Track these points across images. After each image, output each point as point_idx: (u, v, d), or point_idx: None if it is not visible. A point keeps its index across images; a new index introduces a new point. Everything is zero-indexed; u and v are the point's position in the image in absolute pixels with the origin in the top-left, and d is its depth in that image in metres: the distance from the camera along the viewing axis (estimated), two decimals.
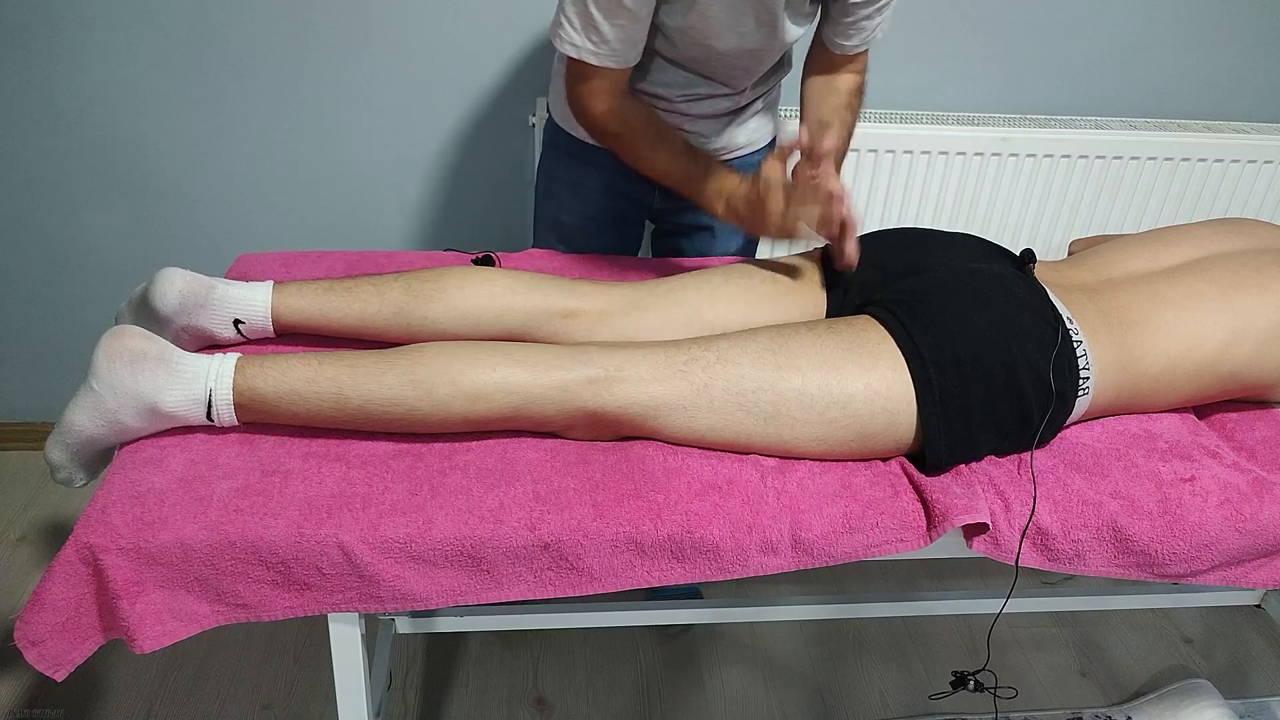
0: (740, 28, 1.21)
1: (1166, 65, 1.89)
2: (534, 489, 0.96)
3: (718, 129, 1.39)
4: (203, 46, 1.69)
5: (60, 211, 1.84)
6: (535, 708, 1.57)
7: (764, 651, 1.69)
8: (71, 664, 0.92)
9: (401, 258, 1.35)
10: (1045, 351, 1.03)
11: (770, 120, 1.48)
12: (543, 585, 0.95)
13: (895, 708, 1.61)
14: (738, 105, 1.38)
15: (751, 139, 1.44)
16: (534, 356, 1.01)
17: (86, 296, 1.93)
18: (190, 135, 1.78)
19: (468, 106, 1.80)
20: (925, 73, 1.84)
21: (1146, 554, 1.00)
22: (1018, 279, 1.11)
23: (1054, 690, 1.66)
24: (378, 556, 0.91)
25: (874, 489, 1.00)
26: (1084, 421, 1.12)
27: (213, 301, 1.10)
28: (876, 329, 1.05)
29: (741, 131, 1.42)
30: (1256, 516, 1.00)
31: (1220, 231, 1.23)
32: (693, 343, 1.04)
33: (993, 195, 1.83)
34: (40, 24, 1.65)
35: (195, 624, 0.93)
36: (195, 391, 0.98)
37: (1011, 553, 0.98)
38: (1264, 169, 1.86)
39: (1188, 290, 1.11)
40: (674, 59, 1.29)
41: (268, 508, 0.92)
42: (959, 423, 1.01)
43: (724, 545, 0.95)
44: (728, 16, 1.19)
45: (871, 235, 1.24)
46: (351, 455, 1.00)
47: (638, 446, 1.03)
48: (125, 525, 0.90)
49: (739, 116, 1.41)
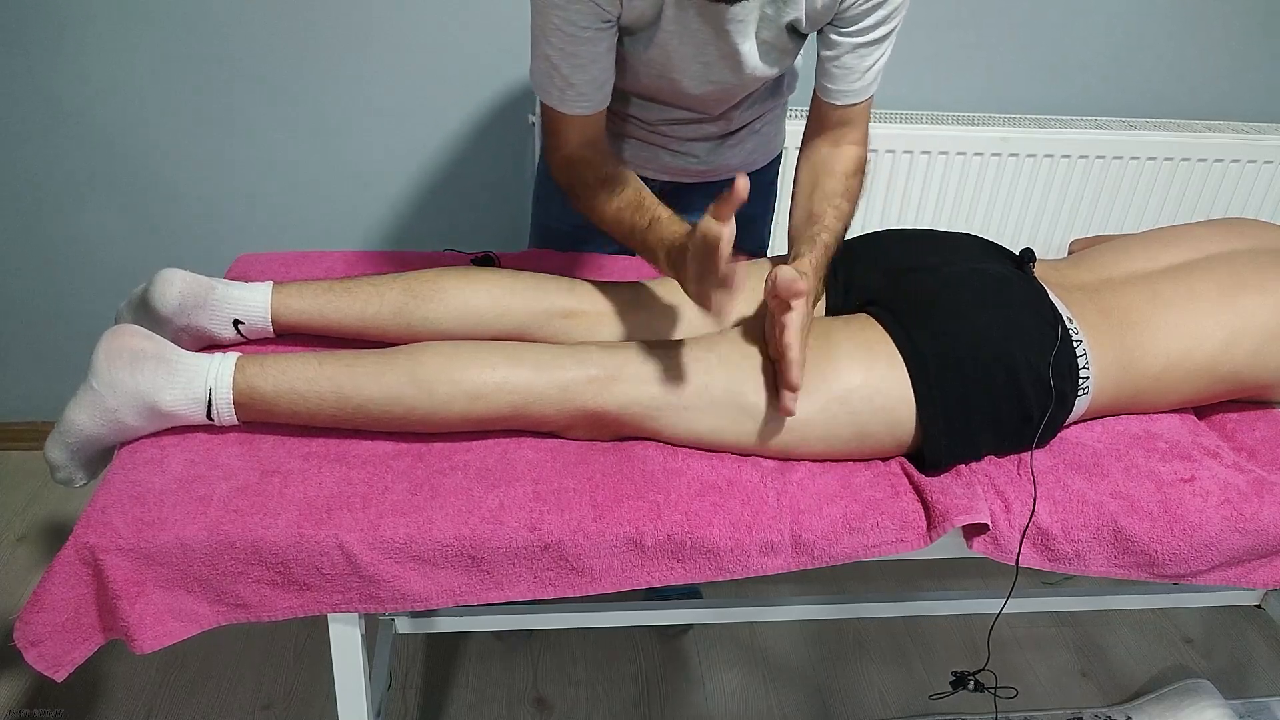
0: (703, 59, 1.14)
1: (1166, 65, 1.89)
2: (534, 489, 0.96)
3: (707, 150, 1.34)
4: (203, 46, 1.69)
5: (60, 211, 1.84)
6: (535, 708, 1.57)
7: (764, 651, 1.69)
8: (71, 664, 0.92)
9: (401, 258, 1.35)
10: (1045, 351, 1.03)
11: (773, 137, 1.42)
12: (543, 585, 0.95)
13: (895, 708, 1.61)
14: (726, 130, 1.32)
15: (748, 160, 1.38)
16: (534, 356, 1.01)
17: (86, 296, 1.93)
18: (190, 135, 1.78)
19: (468, 106, 1.80)
20: (925, 73, 1.84)
21: (1146, 554, 1.00)
22: (1018, 279, 1.10)
23: (1054, 690, 1.66)
24: (378, 556, 0.91)
25: (874, 489, 1.00)
26: (1084, 421, 1.12)
27: (212, 302, 1.10)
28: (876, 329, 1.05)
29: (736, 153, 1.37)
30: (1256, 516, 1.00)
31: (1220, 231, 1.23)
32: (693, 343, 1.04)
33: (993, 195, 1.84)
34: (40, 23, 1.65)
35: (195, 624, 0.93)
36: (195, 391, 0.98)
37: (1011, 553, 0.98)
38: (1264, 169, 1.86)
39: (1188, 290, 1.11)
40: (643, 91, 1.24)
41: (268, 508, 0.92)
42: (959, 423, 1.01)
43: (724, 545, 0.95)
44: (690, 49, 1.13)
45: (871, 235, 1.24)
46: (351, 455, 1.00)
47: (638, 446, 1.03)
48: (125, 525, 0.90)
49: (730, 139, 1.35)
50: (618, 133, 1.34)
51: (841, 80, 1.13)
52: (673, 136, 1.32)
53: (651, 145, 1.35)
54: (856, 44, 1.11)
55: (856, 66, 1.13)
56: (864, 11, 1.08)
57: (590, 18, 1.05)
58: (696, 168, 1.36)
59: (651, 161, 1.36)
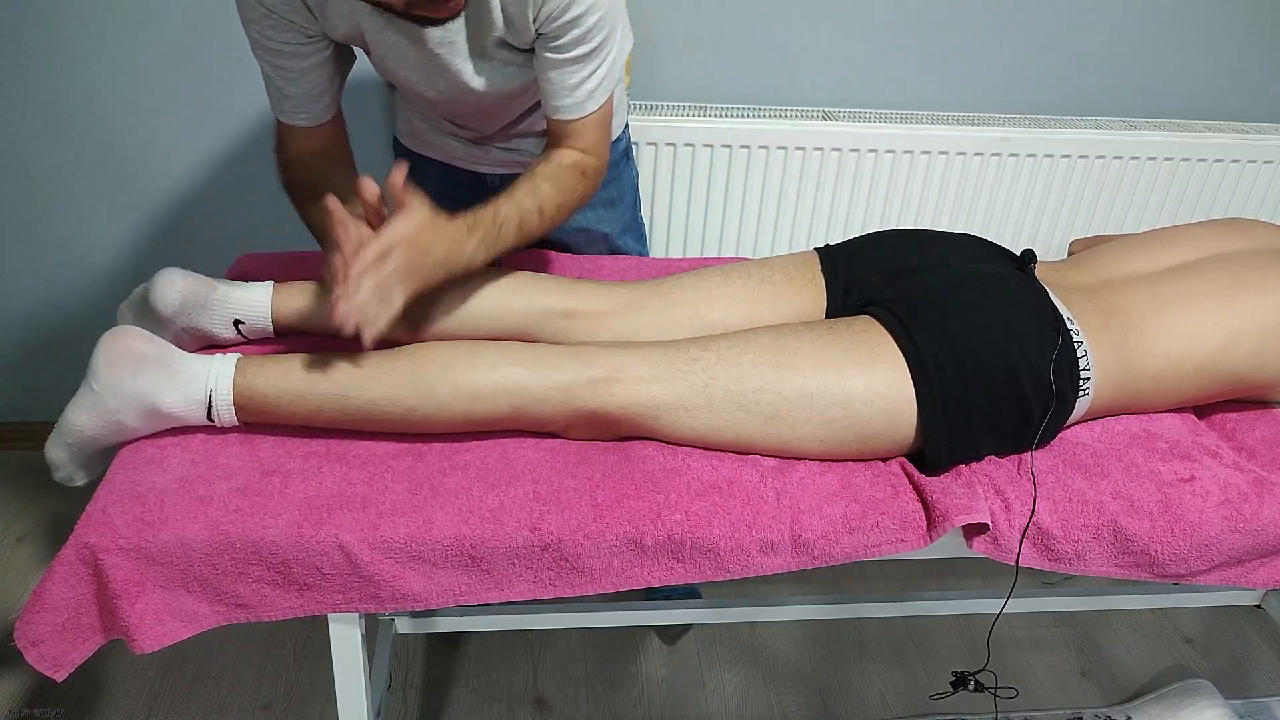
0: (427, 78, 1.16)
1: (1166, 65, 1.89)
2: (534, 489, 0.96)
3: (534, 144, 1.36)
4: (203, 46, 1.69)
5: (60, 211, 1.83)
6: (535, 708, 1.57)
7: (764, 651, 1.69)
8: (71, 664, 0.92)
9: None
10: (1045, 352, 1.03)
11: None
12: (543, 585, 0.95)
13: (895, 708, 1.61)
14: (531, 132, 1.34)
15: None
16: (534, 356, 1.01)
17: (86, 297, 1.93)
18: (190, 135, 1.78)
19: None
20: (925, 72, 1.84)
21: (1146, 554, 1.00)
22: (1018, 279, 1.11)
23: (1054, 690, 1.66)
24: (378, 556, 0.91)
25: (874, 489, 1.00)
26: (1084, 422, 1.12)
27: (213, 302, 1.10)
28: (877, 329, 1.05)
29: None
30: (1256, 516, 1.01)
31: (1220, 231, 1.23)
32: (692, 343, 1.04)
33: (993, 195, 1.84)
34: (40, 23, 1.65)
35: (195, 624, 0.93)
36: (195, 393, 0.98)
37: (1011, 553, 0.98)
38: (1264, 169, 1.86)
39: (1188, 290, 1.11)
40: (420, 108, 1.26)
41: (268, 508, 0.92)
42: (959, 423, 1.01)
43: (724, 545, 0.95)
44: (409, 70, 1.15)
45: (871, 236, 1.24)
46: (351, 455, 1.00)
47: (638, 446, 1.03)
48: (125, 525, 0.90)
49: None
50: (449, 133, 1.36)
51: (554, 96, 1.13)
52: (497, 134, 1.34)
53: (481, 144, 1.37)
54: (561, 60, 1.10)
55: (564, 84, 1.12)
56: (560, 29, 1.07)
57: (289, 34, 1.09)
58: (528, 159, 1.35)
59: (484, 158, 1.38)
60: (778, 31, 1.76)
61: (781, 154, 1.73)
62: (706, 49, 1.76)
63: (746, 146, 1.72)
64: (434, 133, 1.39)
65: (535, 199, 1.11)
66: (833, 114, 1.78)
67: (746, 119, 1.73)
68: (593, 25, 1.08)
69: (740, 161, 1.74)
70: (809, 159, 1.74)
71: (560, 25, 1.07)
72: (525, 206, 1.10)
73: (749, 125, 1.71)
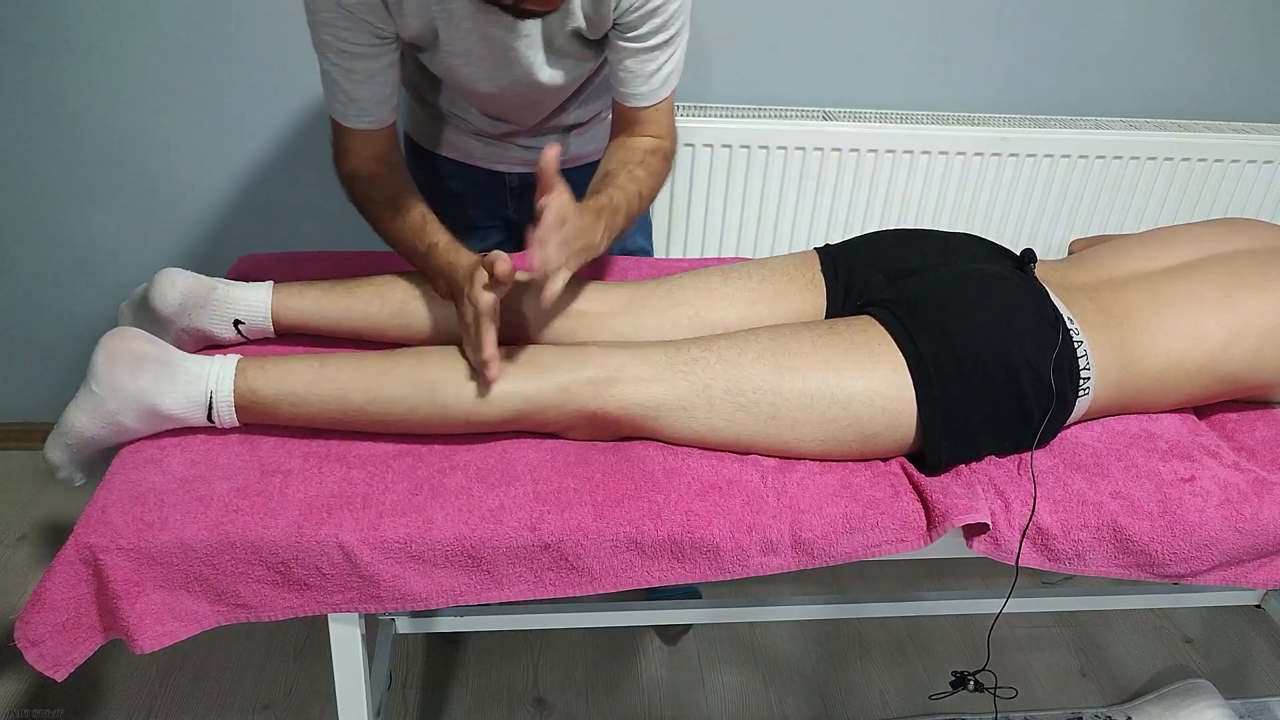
0: (491, 73, 1.15)
1: (1166, 65, 1.89)
2: (534, 489, 0.96)
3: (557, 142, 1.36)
4: (204, 46, 1.69)
5: (61, 211, 1.83)
6: (535, 708, 1.57)
7: (764, 651, 1.69)
8: (71, 664, 0.92)
9: (401, 259, 1.35)
10: (1045, 352, 1.03)
11: None
12: (543, 585, 0.95)
13: (895, 708, 1.61)
14: (575, 122, 1.34)
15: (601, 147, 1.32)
16: (534, 358, 1.01)
17: (86, 296, 1.93)
18: (191, 135, 1.78)
19: None
20: (926, 72, 1.84)
21: (1146, 554, 1.00)
22: (1018, 279, 1.11)
23: (1054, 690, 1.66)
24: (378, 556, 0.91)
25: (874, 489, 1.00)
26: (1084, 421, 1.12)
27: (213, 302, 1.10)
28: (877, 329, 1.05)
29: (586, 142, 1.38)
30: (1256, 516, 1.01)
31: (1220, 231, 1.23)
32: (692, 343, 1.04)
33: (993, 195, 1.83)
34: (41, 23, 1.65)
35: (195, 624, 0.93)
36: (195, 394, 0.98)
37: (1011, 553, 0.98)
38: (1264, 169, 1.86)
39: (1188, 290, 1.11)
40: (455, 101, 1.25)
41: (268, 508, 0.92)
42: (959, 423, 1.01)
43: (724, 545, 0.95)
44: (475, 65, 1.14)
45: (871, 236, 1.24)
46: (352, 455, 1.00)
47: (638, 446, 1.03)
48: (125, 525, 0.90)
49: (578, 131, 1.37)
50: (471, 131, 1.35)
51: (629, 84, 1.15)
52: (520, 132, 1.34)
53: (503, 141, 1.36)
54: (638, 49, 1.12)
55: (640, 71, 1.14)
56: (639, 19, 1.09)
57: (363, 34, 1.07)
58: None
59: (505, 157, 1.37)
60: (778, 32, 1.76)
61: (781, 154, 1.73)
62: (706, 49, 1.77)
63: (746, 146, 1.72)
64: (452, 131, 1.37)
65: (635, 184, 1.12)
66: (833, 114, 1.78)
67: (746, 119, 1.73)
68: (672, 13, 1.10)
69: (740, 161, 1.74)
70: (809, 159, 1.74)
71: (640, 15, 1.08)
72: (629, 191, 1.11)
73: (749, 125, 1.71)
